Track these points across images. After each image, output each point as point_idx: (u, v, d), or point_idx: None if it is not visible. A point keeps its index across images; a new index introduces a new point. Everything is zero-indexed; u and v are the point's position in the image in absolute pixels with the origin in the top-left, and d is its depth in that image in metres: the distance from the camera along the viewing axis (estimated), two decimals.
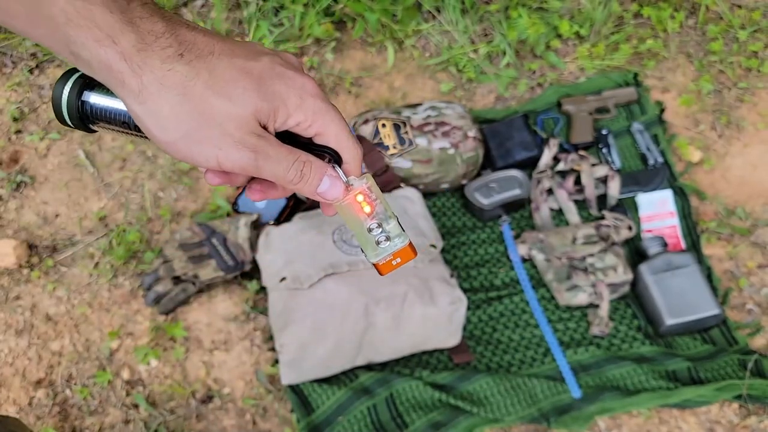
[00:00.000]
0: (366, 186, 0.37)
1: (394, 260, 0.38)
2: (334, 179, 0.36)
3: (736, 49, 1.38)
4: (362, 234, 0.37)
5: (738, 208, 1.22)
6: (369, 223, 0.37)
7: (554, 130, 1.29)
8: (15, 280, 1.19)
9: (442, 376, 1.05)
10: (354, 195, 0.37)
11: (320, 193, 0.36)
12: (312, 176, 0.35)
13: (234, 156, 0.32)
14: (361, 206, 0.37)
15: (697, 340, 1.10)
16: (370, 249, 0.37)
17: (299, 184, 0.35)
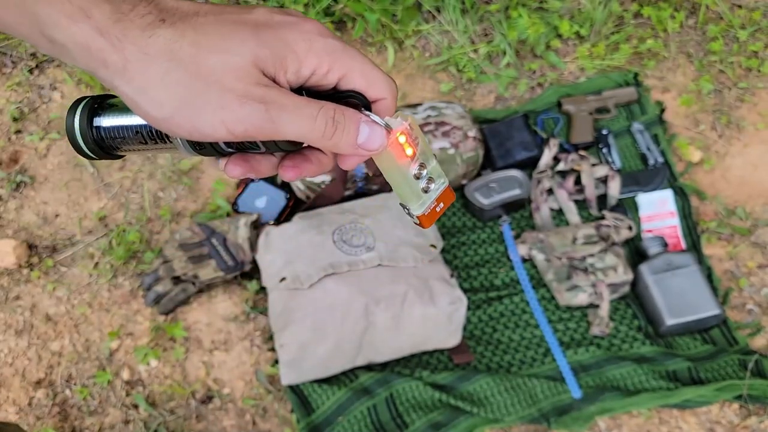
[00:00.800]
0: (407, 124, 0.31)
1: (438, 206, 0.34)
2: (372, 124, 0.30)
3: (736, 49, 1.38)
4: (406, 183, 0.32)
5: (738, 208, 1.21)
6: (414, 168, 0.32)
7: (554, 130, 1.28)
8: (15, 280, 1.19)
9: (442, 376, 1.05)
10: (396, 137, 0.31)
11: (362, 145, 0.29)
12: (348, 124, 0.29)
13: (241, 113, 0.27)
14: (403, 149, 0.31)
15: (698, 341, 1.10)
16: (415, 199, 0.32)
17: (335, 136, 0.28)
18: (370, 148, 0.30)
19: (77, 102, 0.33)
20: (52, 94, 1.38)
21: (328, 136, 0.28)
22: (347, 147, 0.29)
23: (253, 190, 1.19)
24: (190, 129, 0.27)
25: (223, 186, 1.25)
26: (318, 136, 0.28)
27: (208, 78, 0.27)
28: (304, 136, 0.28)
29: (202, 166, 1.28)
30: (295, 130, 0.28)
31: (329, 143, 0.29)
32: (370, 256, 1.03)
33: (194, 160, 1.28)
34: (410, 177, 0.32)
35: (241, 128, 0.27)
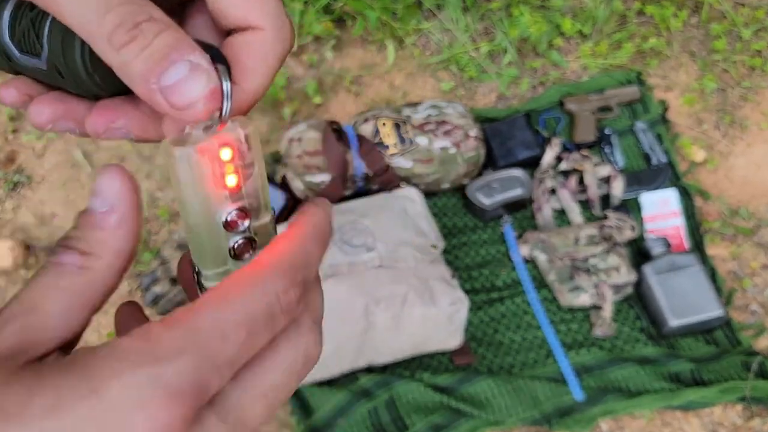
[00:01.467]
0: (242, 134, 0.19)
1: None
2: (201, 72, 0.18)
3: (739, 48, 1.37)
4: (205, 228, 0.20)
5: (741, 208, 1.21)
6: (227, 210, 0.20)
7: (556, 129, 1.28)
8: (12, 281, 1.18)
9: (442, 377, 1.04)
10: (215, 146, 0.19)
11: (163, 87, 0.18)
12: (156, 43, 0.18)
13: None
14: (222, 171, 0.19)
15: (700, 342, 1.09)
16: (212, 261, 0.20)
17: (127, 49, 0.18)
18: (172, 100, 0.18)
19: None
20: None
21: (118, 43, 0.18)
22: (138, 76, 0.18)
23: None
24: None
25: None
26: (103, 33, 0.18)
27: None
28: (82, 23, 0.18)
29: None
30: (74, 6, 0.18)
31: (115, 57, 0.18)
32: (370, 256, 1.02)
33: None
34: (216, 222, 0.20)
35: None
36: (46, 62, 0.19)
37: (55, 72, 0.20)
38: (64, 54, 0.19)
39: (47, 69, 0.20)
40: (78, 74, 0.19)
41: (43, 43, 0.19)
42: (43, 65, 0.20)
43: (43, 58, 0.19)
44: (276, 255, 0.19)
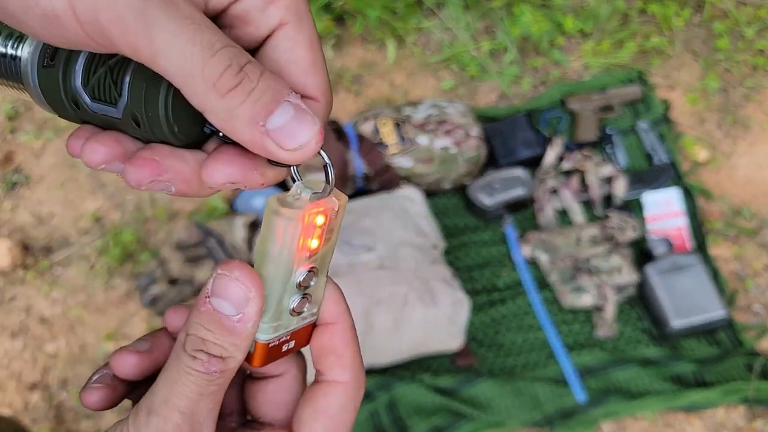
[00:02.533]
0: (338, 204, 0.21)
1: (288, 343, 0.23)
2: (302, 112, 0.18)
3: (742, 47, 1.36)
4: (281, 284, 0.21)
5: (744, 209, 1.20)
6: (301, 271, 0.21)
7: (558, 129, 1.27)
8: (10, 282, 1.17)
9: (443, 379, 1.04)
10: (314, 211, 0.20)
11: (271, 132, 0.18)
12: (263, 87, 0.18)
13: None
14: (312, 235, 0.21)
15: (703, 343, 1.08)
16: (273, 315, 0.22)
17: (233, 94, 0.17)
18: (283, 143, 0.18)
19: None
20: None
21: (224, 88, 0.17)
22: (246, 121, 0.18)
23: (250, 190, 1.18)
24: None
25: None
26: (209, 79, 0.17)
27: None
28: (185, 69, 0.17)
29: None
30: (175, 52, 0.17)
31: (220, 103, 0.17)
32: (370, 257, 1.02)
33: None
34: (291, 280, 0.21)
35: (89, 5, 0.16)
36: (123, 110, 0.19)
37: (130, 120, 0.19)
38: (146, 103, 0.19)
39: (122, 117, 0.20)
40: (159, 124, 0.19)
41: (122, 92, 0.19)
42: (117, 114, 0.20)
43: (120, 107, 0.19)
44: (350, 368, 0.24)
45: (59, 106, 0.21)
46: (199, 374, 0.21)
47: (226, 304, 0.21)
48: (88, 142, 0.20)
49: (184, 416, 0.21)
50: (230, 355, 0.21)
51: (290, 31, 0.20)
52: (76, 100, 0.20)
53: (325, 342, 0.24)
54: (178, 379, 0.21)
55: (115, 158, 0.20)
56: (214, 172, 0.20)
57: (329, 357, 0.24)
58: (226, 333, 0.21)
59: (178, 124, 0.19)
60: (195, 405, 0.21)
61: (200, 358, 0.21)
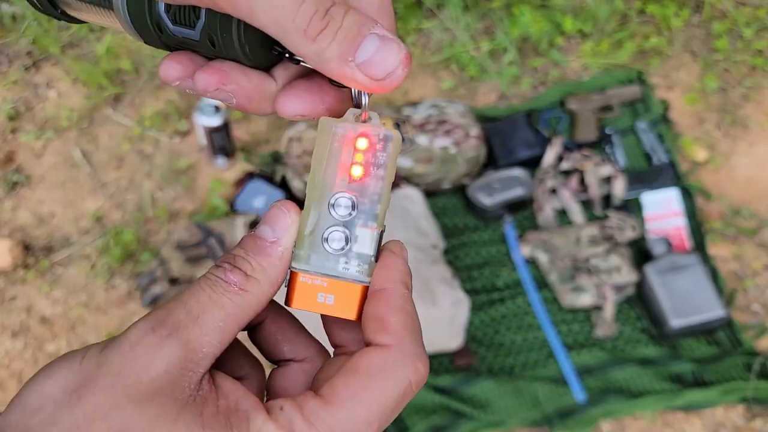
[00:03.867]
0: (383, 133, 0.22)
1: (322, 295, 0.22)
2: (387, 41, 0.20)
3: (741, 47, 1.36)
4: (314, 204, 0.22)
5: (743, 208, 1.20)
6: (337, 195, 0.22)
7: (557, 129, 1.27)
8: (11, 281, 1.17)
9: (443, 378, 1.04)
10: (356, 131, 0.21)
11: (361, 64, 0.19)
12: (347, 25, 0.19)
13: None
14: (353, 157, 0.22)
15: (702, 342, 1.09)
16: (307, 244, 0.22)
17: (322, 36, 0.19)
18: (372, 73, 0.19)
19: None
20: (48, 93, 1.36)
21: (313, 32, 0.19)
22: (337, 59, 0.19)
23: (251, 190, 1.18)
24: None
25: (221, 186, 1.23)
26: (300, 26, 0.19)
27: None
28: (279, 20, 0.19)
29: (200, 166, 1.27)
30: (269, 7, 0.19)
31: (311, 47, 0.19)
32: None
33: (192, 159, 1.27)
34: (325, 198, 0.22)
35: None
36: (200, 33, 0.22)
37: (206, 41, 0.22)
38: (221, 28, 0.21)
39: (199, 39, 0.22)
40: (232, 44, 0.21)
41: (200, 15, 0.21)
42: (195, 36, 0.22)
43: (198, 29, 0.21)
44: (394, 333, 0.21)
45: (144, 30, 0.23)
46: (216, 279, 0.21)
47: (267, 227, 0.22)
48: (165, 60, 0.22)
49: (189, 315, 0.20)
50: (254, 274, 0.21)
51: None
52: (160, 25, 0.22)
53: (370, 310, 0.22)
54: (195, 284, 0.21)
55: (189, 75, 0.22)
56: (287, 104, 0.22)
57: (372, 323, 0.22)
58: (257, 251, 0.21)
59: (249, 45, 0.21)
60: (203, 308, 0.20)
61: (224, 266, 0.21)
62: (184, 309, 0.20)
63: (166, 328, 0.20)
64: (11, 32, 1.40)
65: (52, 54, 1.38)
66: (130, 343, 0.20)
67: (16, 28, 1.40)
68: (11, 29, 1.40)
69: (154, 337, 0.19)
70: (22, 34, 1.39)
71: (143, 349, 0.19)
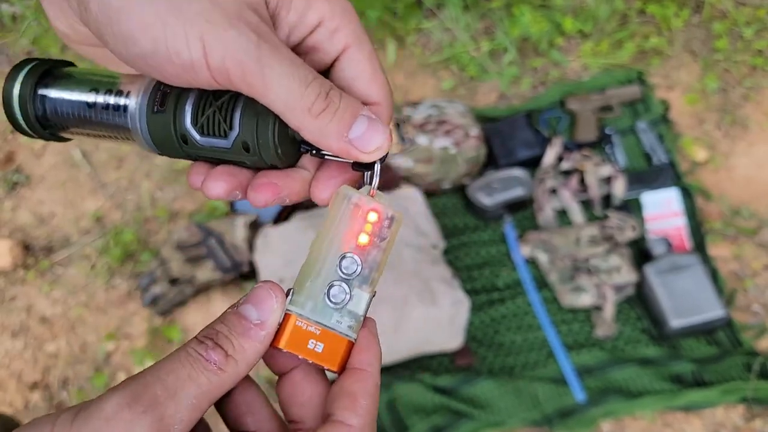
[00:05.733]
0: (391, 213, 0.25)
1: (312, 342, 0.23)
2: (374, 122, 0.24)
3: (741, 48, 1.36)
4: (323, 257, 0.24)
5: (743, 208, 1.20)
6: (347, 260, 0.24)
7: (557, 129, 1.27)
8: (11, 281, 1.17)
9: (443, 378, 1.04)
10: (369, 206, 0.24)
11: (353, 140, 0.23)
12: (343, 107, 0.23)
13: (226, 35, 0.21)
14: (362, 227, 0.24)
15: (702, 342, 1.09)
16: (308, 291, 0.24)
17: (323, 115, 0.23)
18: (363, 148, 0.23)
19: (22, 63, 0.26)
20: None
21: (316, 111, 0.23)
22: (334, 135, 0.23)
23: None
24: (157, 37, 0.21)
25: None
26: (305, 106, 0.22)
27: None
28: (286, 99, 0.22)
29: None
30: (281, 87, 0.22)
31: (314, 123, 0.23)
32: None
33: None
34: (334, 256, 0.24)
35: (220, 54, 0.21)
36: (233, 141, 0.24)
37: (240, 149, 0.24)
38: (258, 133, 0.24)
39: (232, 147, 0.24)
40: (267, 149, 0.24)
41: (233, 125, 0.24)
42: (227, 144, 0.24)
43: (230, 138, 0.24)
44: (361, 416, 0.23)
45: (166, 144, 0.25)
46: (197, 357, 0.21)
47: (252, 308, 0.23)
48: (207, 179, 0.25)
49: (166, 392, 0.20)
50: (234, 355, 0.22)
51: (353, 52, 0.25)
52: (186, 138, 0.24)
53: (345, 385, 0.24)
54: (174, 356, 0.22)
55: (234, 189, 0.25)
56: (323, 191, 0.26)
57: (344, 399, 0.23)
58: (240, 331, 0.22)
59: (282, 147, 0.24)
60: (182, 385, 0.21)
61: (206, 343, 0.22)
62: (162, 385, 0.21)
63: (142, 405, 0.20)
64: (11, 32, 1.40)
65: (52, 54, 1.38)
66: (105, 417, 0.20)
67: (16, 28, 1.40)
68: (11, 29, 1.40)
69: (130, 413, 0.20)
70: (22, 34, 1.38)
71: (117, 425, 0.20)
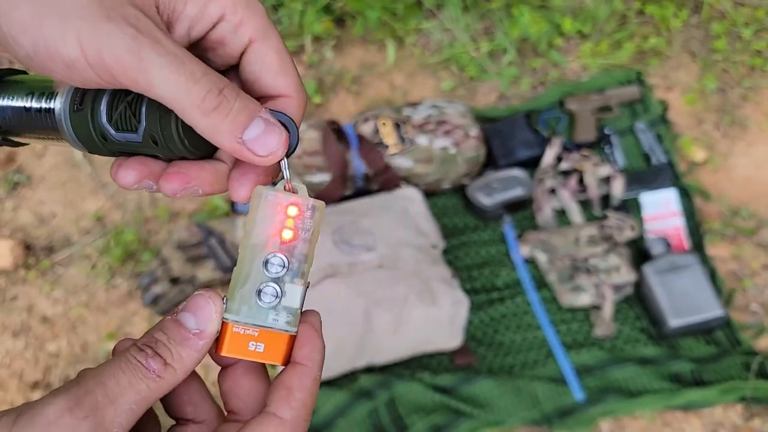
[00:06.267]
0: (311, 203, 0.24)
1: (253, 343, 0.24)
2: (272, 125, 0.23)
3: (739, 48, 1.37)
4: (248, 261, 0.24)
5: (742, 209, 1.20)
6: (270, 255, 0.24)
7: (556, 129, 1.27)
8: (12, 281, 1.17)
9: (442, 378, 1.04)
10: (287, 200, 0.24)
11: (247, 142, 0.22)
12: (238, 107, 0.22)
13: (102, 31, 0.20)
14: (284, 222, 0.24)
15: (701, 342, 1.09)
16: (239, 296, 0.24)
17: (215, 113, 0.22)
18: (257, 151, 0.22)
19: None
20: None
21: (207, 108, 0.21)
22: (227, 135, 0.22)
23: None
24: (35, 36, 0.21)
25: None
26: (194, 103, 0.21)
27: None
28: (175, 96, 0.21)
29: None
30: (166, 83, 0.21)
31: (205, 121, 0.22)
32: (370, 256, 1.02)
33: None
34: (259, 258, 0.24)
35: (96, 49, 0.20)
36: (142, 135, 0.24)
37: (149, 142, 0.24)
38: (161, 126, 0.23)
39: (142, 141, 0.24)
40: (173, 140, 0.23)
41: (141, 119, 0.23)
42: (138, 138, 0.24)
43: (140, 132, 0.24)
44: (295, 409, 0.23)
45: (89, 141, 0.25)
46: (137, 365, 0.22)
47: (190, 317, 0.23)
48: (118, 169, 0.24)
49: (107, 398, 0.21)
50: (173, 363, 0.22)
51: (259, 45, 0.24)
52: (104, 134, 0.24)
53: (284, 378, 0.24)
54: (115, 362, 0.22)
55: (144, 177, 0.24)
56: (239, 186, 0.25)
57: (280, 391, 0.24)
58: (179, 340, 0.23)
59: (188, 139, 0.24)
60: (122, 392, 0.21)
61: (146, 351, 0.22)
62: (103, 391, 0.21)
63: (84, 410, 0.21)
64: None
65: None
66: (48, 421, 0.20)
67: None
68: None
69: (71, 418, 0.20)
70: None
71: (59, 429, 0.20)
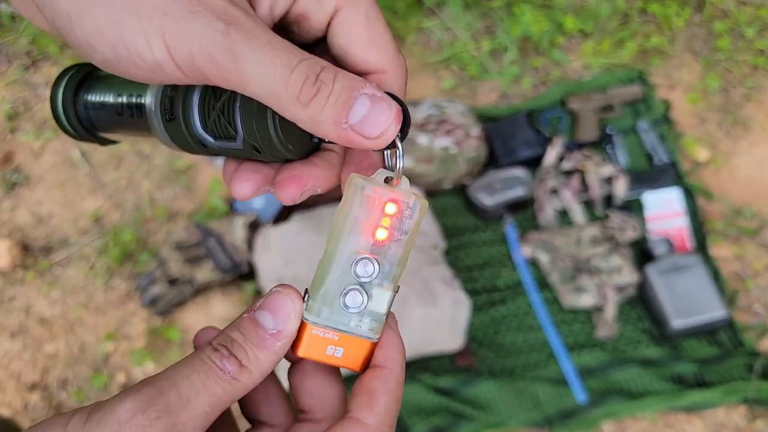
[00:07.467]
0: (412, 201, 0.22)
1: (331, 347, 0.23)
2: (378, 101, 0.20)
3: (742, 47, 1.36)
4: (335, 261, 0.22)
5: (745, 209, 1.20)
6: (361, 264, 0.22)
7: (558, 128, 1.27)
8: (9, 282, 1.17)
9: (443, 379, 1.03)
10: (387, 196, 0.21)
11: (354, 125, 0.20)
12: (338, 89, 0.20)
13: (189, 27, 0.18)
14: (379, 221, 0.22)
15: (703, 343, 1.08)
16: (322, 297, 0.22)
17: (314, 102, 0.19)
18: (366, 133, 0.20)
19: (66, 70, 0.27)
20: (47, 93, 1.36)
21: (305, 98, 0.19)
22: (330, 123, 0.20)
23: None
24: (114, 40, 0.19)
25: (220, 186, 1.23)
26: (291, 94, 0.19)
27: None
28: (270, 90, 0.19)
29: (199, 165, 1.26)
30: (261, 77, 0.19)
31: (305, 112, 0.19)
32: None
33: (191, 158, 1.26)
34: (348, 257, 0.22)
35: (185, 49, 0.19)
36: (243, 143, 0.22)
37: (251, 149, 0.22)
38: (259, 134, 0.21)
39: (243, 148, 0.22)
40: (275, 147, 0.22)
41: (237, 128, 0.22)
42: (239, 146, 0.22)
43: (239, 140, 0.22)
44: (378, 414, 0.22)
45: (189, 148, 0.24)
46: (212, 366, 0.21)
47: (268, 316, 0.22)
48: (233, 181, 0.23)
49: (180, 399, 0.20)
50: (249, 365, 0.21)
51: (346, 13, 0.22)
52: (202, 142, 0.23)
53: (365, 382, 0.23)
54: (189, 362, 0.21)
55: (260, 186, 0.23)
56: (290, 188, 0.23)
57: (362, 396, 0.22)
58: (256, 341, 0.21)
59: (291, 143, 0.22)
60: (196, 393, 0.20)
61: (221, 351, 0.21)
62: (177, 391, 0.20)
63: (156, 411, 0.20)
64: (10, 32, 1.39)
65: (51, 54, 1.37)
66: (119, 421, 0.20)
67: (15, 28, 1.39)
68: (10, 29, 1.40)
69: (143, 418, 0.20)
70: (21, 33, 1.38)
71: (130, 430, 0.19)
